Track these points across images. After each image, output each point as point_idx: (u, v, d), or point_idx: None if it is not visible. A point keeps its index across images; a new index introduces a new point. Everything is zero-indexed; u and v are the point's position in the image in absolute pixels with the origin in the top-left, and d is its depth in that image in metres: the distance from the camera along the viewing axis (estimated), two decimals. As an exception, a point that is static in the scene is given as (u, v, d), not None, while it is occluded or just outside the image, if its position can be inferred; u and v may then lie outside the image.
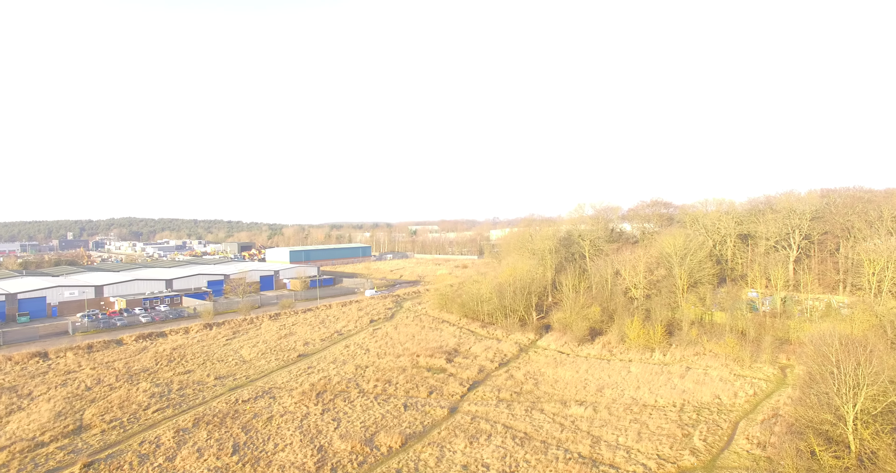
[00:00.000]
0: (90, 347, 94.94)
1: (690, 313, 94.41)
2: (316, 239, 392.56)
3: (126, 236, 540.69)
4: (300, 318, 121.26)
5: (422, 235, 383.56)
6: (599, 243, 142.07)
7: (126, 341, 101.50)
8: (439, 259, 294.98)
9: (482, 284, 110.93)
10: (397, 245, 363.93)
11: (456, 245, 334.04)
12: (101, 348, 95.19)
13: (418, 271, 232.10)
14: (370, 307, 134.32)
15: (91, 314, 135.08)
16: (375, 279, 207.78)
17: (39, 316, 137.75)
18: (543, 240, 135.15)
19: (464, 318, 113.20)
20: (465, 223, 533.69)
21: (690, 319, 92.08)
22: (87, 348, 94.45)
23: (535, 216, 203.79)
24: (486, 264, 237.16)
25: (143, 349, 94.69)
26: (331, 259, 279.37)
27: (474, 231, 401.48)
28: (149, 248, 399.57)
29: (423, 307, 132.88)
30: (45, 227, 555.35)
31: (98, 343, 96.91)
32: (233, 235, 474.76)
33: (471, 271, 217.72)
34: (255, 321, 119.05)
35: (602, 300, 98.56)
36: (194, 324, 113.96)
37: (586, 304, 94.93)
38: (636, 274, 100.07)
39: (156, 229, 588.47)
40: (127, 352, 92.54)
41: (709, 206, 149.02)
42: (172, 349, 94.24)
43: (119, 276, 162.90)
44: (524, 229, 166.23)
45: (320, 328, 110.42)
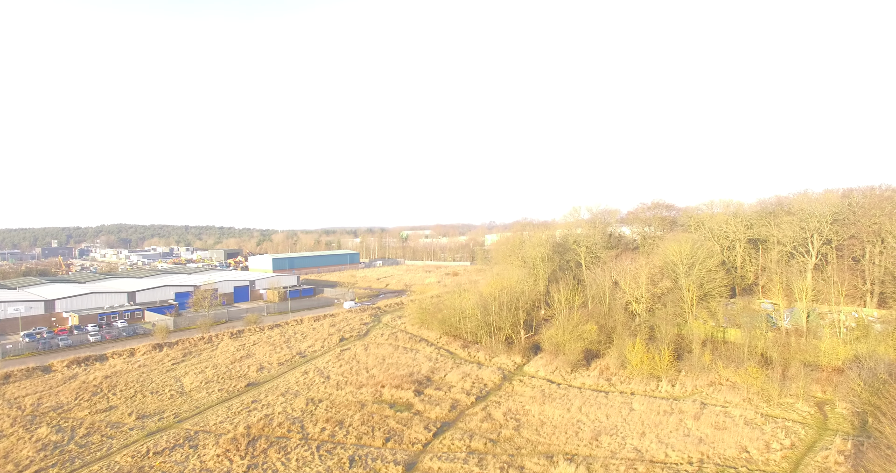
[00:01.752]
0: (7, 376, 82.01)
1: (700, 330, 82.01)
2: (305, 245, 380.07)
3: (114, 244, 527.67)
4: (264, 336, 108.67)
5: (413, 240, 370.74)
6: (596, 250, 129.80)
7: (56, 367, 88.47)
8: (430, 266, 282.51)
9: (464, 297, 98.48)
10: (388, 251, 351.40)
11: (448, 251, 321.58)
12: (20, 377, 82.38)
13: (406, 280, 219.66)
14: (345, 322, 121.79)
15: (35, 332, 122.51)
16: (359, 289, 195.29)
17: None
18: (535, 247, 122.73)
19: (444, 336, 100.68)
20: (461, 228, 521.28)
21: (701, 337, 79.69)
22: (3, 378, 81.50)
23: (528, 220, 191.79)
24: (477, 271, 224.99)
25: (71, 378, 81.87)
26: (316, 267, 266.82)
27: (469, 236, 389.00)
28: (133, 256, 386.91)
29: (403, 321, 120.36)
30: (31, 234, 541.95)
31: (19, 371, 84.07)
32: (221, 241, 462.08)
33: (461, 279, 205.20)
34: (213, 340, 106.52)
35: (599, 317, 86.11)
36: (144, 344, 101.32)
37: (581, 321, 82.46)
38: (638, 286, 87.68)
39: (146, 235, 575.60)
40: (49, 382, 79.74)
41: (715, 208, 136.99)
42: (105, 378, 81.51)
43: (78, 288, 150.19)
44: (515, 235, 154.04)
45: (283, 348, 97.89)
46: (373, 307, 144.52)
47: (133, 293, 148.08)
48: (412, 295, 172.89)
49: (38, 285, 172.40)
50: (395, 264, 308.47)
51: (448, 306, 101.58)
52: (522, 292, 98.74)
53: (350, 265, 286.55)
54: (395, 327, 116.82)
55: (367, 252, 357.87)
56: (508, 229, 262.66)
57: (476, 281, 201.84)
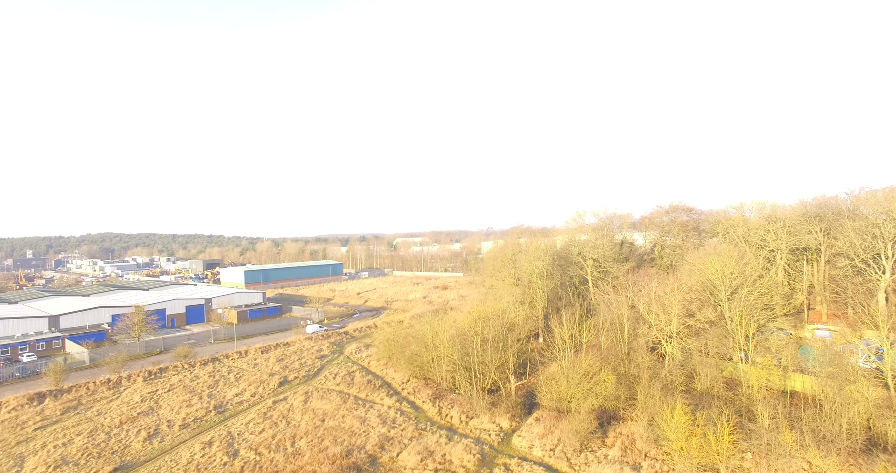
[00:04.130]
0: None
1: (757, 378, 58.84)
2: (290, 255, 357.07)
3: (96, 254, 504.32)
4: (189, 377, 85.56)
5: (404, 248, 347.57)
6: (606, 263, 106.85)
7: None
8: (419, 277, 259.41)
9: (439, 327, 75.20)
10: (376, 261, 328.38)
11: (440, 260, 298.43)
12: None
13: (390, 294, 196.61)
14: (298, 354, 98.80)
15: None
16: (333, 307, 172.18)
17: None
18: (532, 261, 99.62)
19: (413, 379, 77.54)
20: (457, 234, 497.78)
21: (761, 391, 56.67)
22: None
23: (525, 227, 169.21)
24: (469, 283, 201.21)
25: None
26: (294, 279, 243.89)
27: (464, 243, 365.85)
28: (108, 267, 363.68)
29: (368, 353, 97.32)
30: (8, 245, 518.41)
31: None
32: (205, 250, 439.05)
33: (448, 296, 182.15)
34: (122, 383, 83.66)
35: (616, 359, 63.14)
36: (20, 394, 78.17)
37: (592, 367, 59.39)
38: (668, 319, 64.54)
39: (130, 245, 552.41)
40: None
41: (746, 210, 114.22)
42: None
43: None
44: (508, 244, 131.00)
45: (202, 397, 74.80)
46: (339, 332, 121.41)
47: (57, 317, 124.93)
48: (389, 315, 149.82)
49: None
50: (381, 275, 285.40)
51: (419, 338, 78.43)
52: (514, 321, 75.71)
53: (332, 277, 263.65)
54: (356, 361, 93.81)
55: (354, 262, 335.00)
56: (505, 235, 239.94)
57: (465, 297, 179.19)
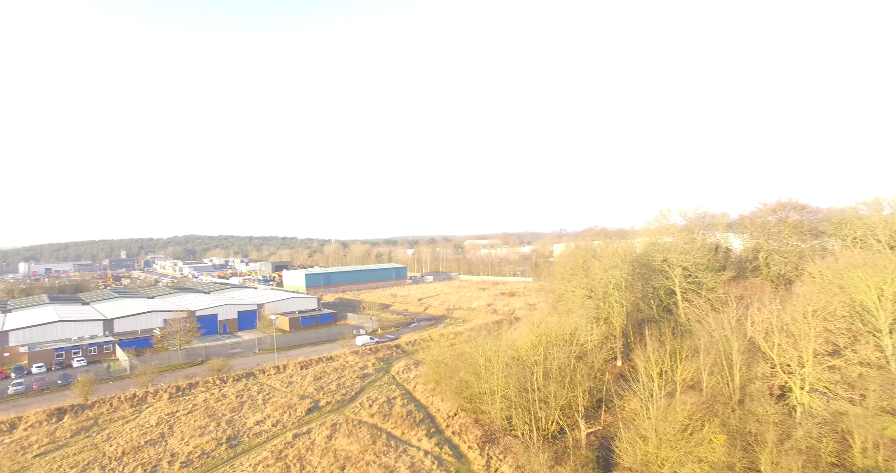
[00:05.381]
0: None
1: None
2: (355, 257, 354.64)
3: (179, 255, 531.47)
4: (216, 395, 77.20)
5: (471, 251, 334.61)
6: (698, 272, 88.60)
7: None
8: (486, 282, 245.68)
9: (491, 352, 61.28)
10: (442, 264, 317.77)
11: (509, 263, 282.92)
12: None
13: (453, 301, 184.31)
14: (338, 372, 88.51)
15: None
16: (389, 315, 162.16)
17: None
18: (608, 269, 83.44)
19: (461, 412, 64.35)
20: (528, 236, 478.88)
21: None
22: None
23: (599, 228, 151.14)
24: (538, 289, 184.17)
25: None
26: (356, 283, 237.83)
27: (534, 246, 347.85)
28: (186, 268, 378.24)
29: (416, 374, 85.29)
30: (107, 246, 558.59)
31: None
32: (276, 252, 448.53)
33: (515, 304, 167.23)
34: (144, 401, 76.69)
35: (724, 409, 46.62)
36: (42, 409, 72.73)
37: (692, 419, 43.47)
38: (801, 356, 47.02)
39: (210, 246, 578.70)
40: None
41: (887, 207, 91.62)
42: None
43: (49, 314, 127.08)
44: (580, 247, 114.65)
45: (220, 424, 65.57)
46: (390, 345, 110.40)
47: (111, 321, 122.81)
48: (448, 326, 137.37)
49: (37, 305, 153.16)
50: (447, 279, 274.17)
51: (469, 363, 65.02)
52: (585, 347, 60.58)
53: (395, 281, 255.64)
54: (401, 383, 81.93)
55: (419, 265, 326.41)
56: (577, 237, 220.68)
57: (534, 306, 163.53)
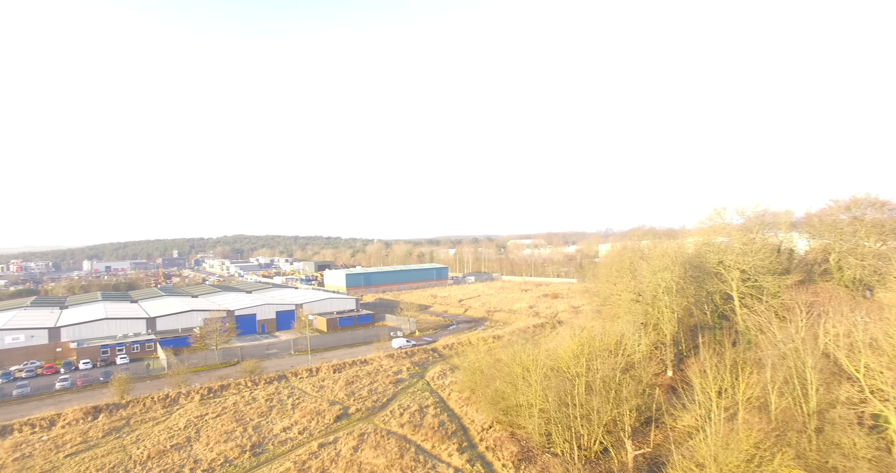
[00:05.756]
0: None
1: None
2: (397, 257, 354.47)
3: (228, 254, 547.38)
4: (242, 400, 75.70)
5: (514, 251, 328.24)
6: (759, 276, 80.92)
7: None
8: (529, 283, 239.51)
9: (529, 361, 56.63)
10: (484, 264, 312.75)
11: (553, 264, 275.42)
12: None
13: (494, 302, 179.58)
14: (371, 377, 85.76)
15: (24, 367, 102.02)
16: (428, 316, 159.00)
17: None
18: (657, 272, 77.15)
19: (496, 425, 60.01)
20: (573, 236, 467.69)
21: None
22: None
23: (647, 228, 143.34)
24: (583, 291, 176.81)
25: None
26: (397, 283, 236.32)
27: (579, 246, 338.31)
28: (233, 267, 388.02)
29: (452, 380, 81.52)
30: (161, 245, 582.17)
31: None
32: (320, 252, 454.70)
33: (558, 306, 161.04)
34: (177, 401, 76.08)
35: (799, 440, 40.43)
36: (80, 407, 73.07)
37: (759, 448, 37.65)
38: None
39: (257, 246, 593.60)
40: None
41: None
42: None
43: (97, 311, 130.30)
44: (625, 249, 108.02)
45: (246, 429, 63.70)
46: (427, 348, 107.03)
47: (154, 319, 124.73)
48: (488, 329, 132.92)
49: (87, 303, 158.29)
50: (489, 279, 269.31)
51: (505, 372, 60.67)
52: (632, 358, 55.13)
53: (436, 281, 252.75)
54: (435, 390, 78.31)
55: (461, 265, 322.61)
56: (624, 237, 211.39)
57: (578, 309, 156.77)
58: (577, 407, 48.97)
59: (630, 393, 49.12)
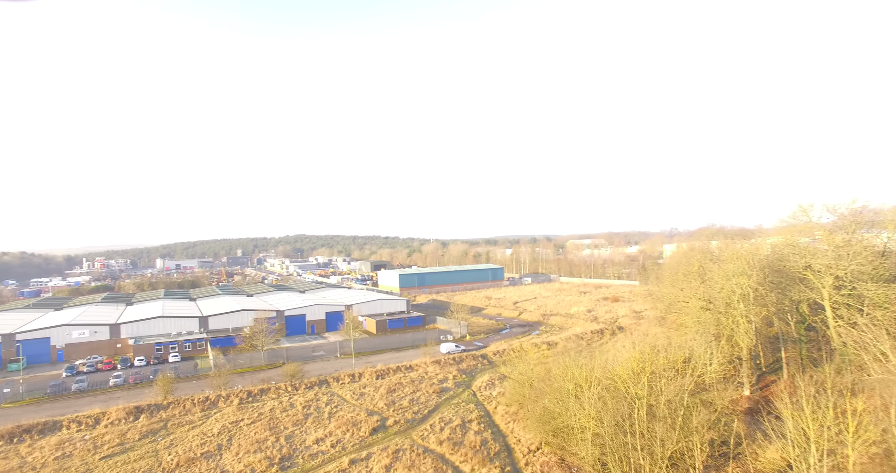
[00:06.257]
0: None
1: None
2: (453, 257, 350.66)
3: (289, 254, 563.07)
4: (280, 406, 73.03)
5: (573, 251, 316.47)
6: (859, 283, 69.86)
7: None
8: (588, 285, 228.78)
9: (581, 377, 50.07)
10: (541, 265, 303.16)
11: (613, 265, 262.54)
12: None
13: (550, 305, 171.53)
14: (415, 385, 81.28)
15: (87, 362, 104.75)
16: (480, 319, 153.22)
17: (41, 361, 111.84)
18: (731, 276, 68.04)
19: (545, 447, 53.76)
20: (635, 236, 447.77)
21: None
22: None
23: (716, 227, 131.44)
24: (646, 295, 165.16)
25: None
26: (451, 284, 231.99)
27: (641, 246, 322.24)
28: (292, 266, 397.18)
29: (498, 393, 75.67)
30: (227, 244, 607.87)
31: None
32: (377, 252, 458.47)
33: (619, 311, 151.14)
34: (216, 405, 74.48)
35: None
36: (123, 406, 72.81)
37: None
38: None
39: (317, 245, 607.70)
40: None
41: None
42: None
43: (155, 310, 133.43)
44: (693, 250, 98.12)
45: (279, 439, 60.61)
46: (477, 355, 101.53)
47: (206, 318, 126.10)
48: (543, 334, 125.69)
49: (150, 300, 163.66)
50: (546, 280, 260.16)
51: (556, 388, 54.30)
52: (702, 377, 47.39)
53: (492, 282, 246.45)
54: (481, 401, 72.77)
55: (518, 266, 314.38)
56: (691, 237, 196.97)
57: (640, 314, 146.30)
58: (637, 435, 42.06)
59: (701, 422, 41.66)
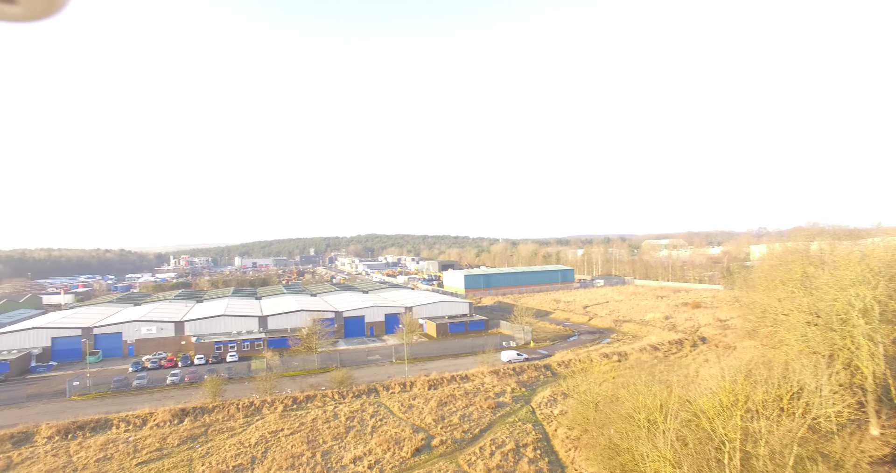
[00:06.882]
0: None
1: None
2: (522, 258, 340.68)
3: (360, 253, 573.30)
4: (322, 417, 68.75)
5: (648, 252, 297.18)
6: None
7: (40, 435, 64.34)
8: (665, 289, 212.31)
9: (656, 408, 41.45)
10: (614, 266, 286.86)
11: (693, 267, 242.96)
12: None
13: (623, 310, 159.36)
14: (468, 398, 74.64)
15: (151, 358, 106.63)
16: (546, 324, 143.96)
17: (115, 355, 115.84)
18: (848, 286, 56.00)
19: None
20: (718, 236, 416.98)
21: None
22: None
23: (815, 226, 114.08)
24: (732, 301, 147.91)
25: None
26: (518, 285, 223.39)
27: (726, 247, 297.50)
28: (361, 265, 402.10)
29: (560, 411, 67.52)
30: (301, 243, 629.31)
31: None
32: (446, 252, 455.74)
33: (703, 317, 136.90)
34: (259, 411, 71.60)
35: None
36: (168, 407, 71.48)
37: None
38: None
39: (387, 245, 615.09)
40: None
41: None
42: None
43: (219, 308, 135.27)
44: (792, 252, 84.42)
45: (315, 455, 56.05)
46: (539, 365, 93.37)
47: (265, 318, 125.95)
48: (614, 343, 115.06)
49: (218, 298, 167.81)
50: (619, 283, 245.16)
51: (621, 417, 45.83)
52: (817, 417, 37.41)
53: (562, 284, 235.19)
54: (539, 421, 64.96)
55: (590, 267, 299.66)
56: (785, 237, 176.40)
57: (726, 323, 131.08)
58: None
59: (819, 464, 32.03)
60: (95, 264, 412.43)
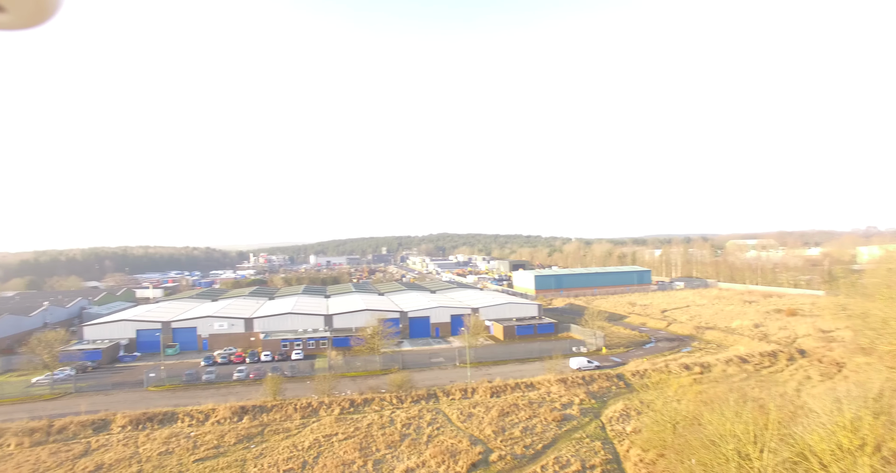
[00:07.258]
0: (31, 431, 63.18)
1: None
2: (596, 258, 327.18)
3: (431, 252, 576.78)
4: (378, 422, 66.16)
5: (734, 253, 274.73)
6: None
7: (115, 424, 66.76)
8: (754, 293, 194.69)
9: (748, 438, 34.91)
10: (695, 268, 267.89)
11: (786, 270, 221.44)
12: (39, 440, 61.82)
13: (705, 315, 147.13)
14: (532, 409, 69.59)
15: (222, 353, 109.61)
16: (620, 329, 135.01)
17: (191, 348, 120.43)
18: None
19: (693, 523, 39.17)
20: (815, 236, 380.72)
21: None
22: (29, 431, 63.13)
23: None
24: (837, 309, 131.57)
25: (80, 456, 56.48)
26: (591, 287, 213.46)
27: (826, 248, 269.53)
28: (431, 264, 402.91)
29: (633, 428, 61.00)
30: (374, 242, 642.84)
31: (65, 427, 64.62)
32: (517, 251, 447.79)
33: (801, 327, 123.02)
34: (316, 413, 70.34)
35: None
36: (230, 404, 71.92)
37: None
38: None
39: (458, 244, 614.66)
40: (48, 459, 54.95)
41: None
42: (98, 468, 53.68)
43: (285, 306, 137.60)
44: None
45: (366, 465, 53.38)
46: (611, 375, 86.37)
47: (330, 317, 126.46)
48: (696, 352, 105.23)
49: (289, 295, 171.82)
50: (701, 286, 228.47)
51: (704, 444, 39.43)
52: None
53: (638, 286, 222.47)
54: (609, 439, 58.88)
55: (668, 268, 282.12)
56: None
57: (830, 335, 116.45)
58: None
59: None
60: (184, 260, 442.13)
